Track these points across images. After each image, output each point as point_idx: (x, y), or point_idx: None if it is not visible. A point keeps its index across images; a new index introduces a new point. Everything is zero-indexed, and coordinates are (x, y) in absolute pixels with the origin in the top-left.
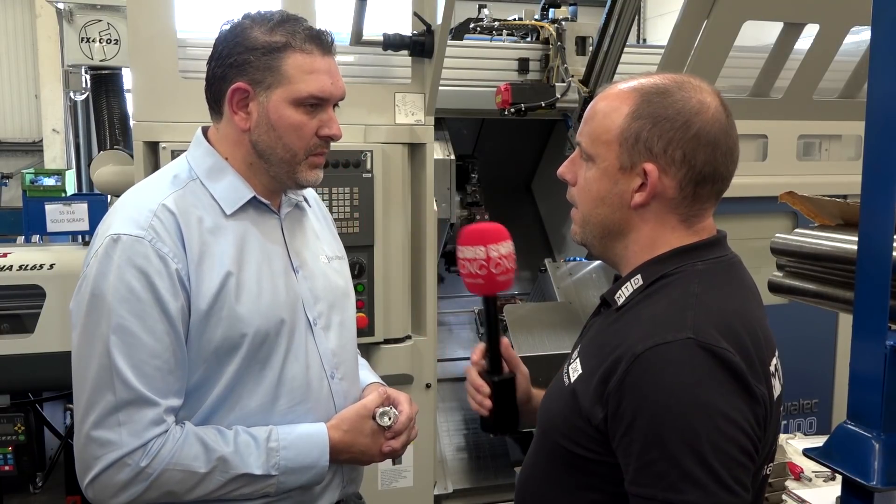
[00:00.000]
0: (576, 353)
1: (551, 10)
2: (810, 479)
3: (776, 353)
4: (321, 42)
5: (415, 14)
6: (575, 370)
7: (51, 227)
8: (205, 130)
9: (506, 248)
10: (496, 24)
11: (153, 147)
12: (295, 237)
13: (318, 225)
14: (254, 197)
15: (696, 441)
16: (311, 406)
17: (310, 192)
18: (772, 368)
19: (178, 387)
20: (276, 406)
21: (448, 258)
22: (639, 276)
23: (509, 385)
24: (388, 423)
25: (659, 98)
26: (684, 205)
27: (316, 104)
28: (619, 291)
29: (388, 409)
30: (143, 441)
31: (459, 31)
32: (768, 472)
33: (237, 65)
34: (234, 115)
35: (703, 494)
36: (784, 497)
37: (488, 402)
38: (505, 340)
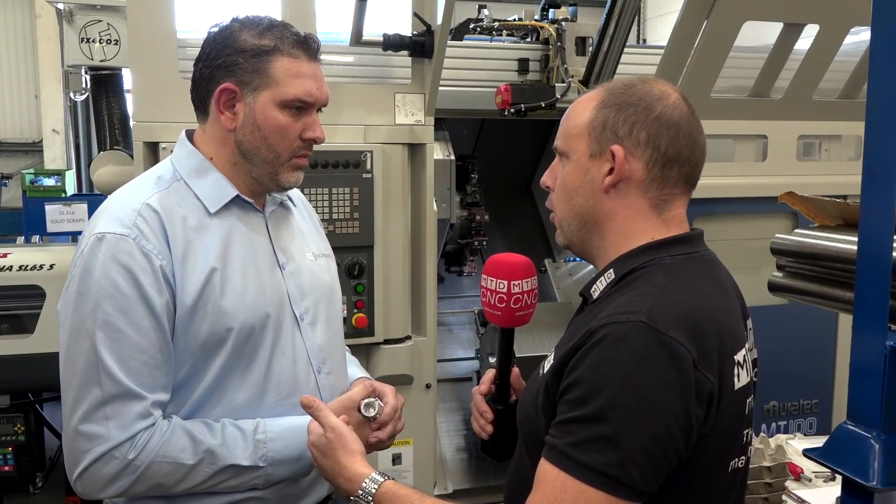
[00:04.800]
0: (553, 348)
1: (551, 10)
2: (810, 480)
3: (746, 346)
4: (308, 48)
5: (415, 14)
6: (549, 362)
7: (51, 228)
8: (189, 134)
9: (529, 284)
10: (496, 24)
11: (153, 147)
12: (281, 234)
13: (304, 223)
14: (237, 195)
15: (612, 414)
16: (297, 400)
17: (295, 193)
18: (739, 359)
19: (164, 381)
20: (264, 400)
21: (448, 258)
22: (611, 271)
23: (512, 413)
24: (374, 414)
25: (623, 89)
26: (654, 188)
27: (301, 107)
28: (595, 286)
29: (373, 400)
30: (131, 434)
31: (459, 32)
32: (740, 466)
33: (225, 66)
34: (221, 114)
35: (597, 460)
36: (784, 497)
37: (490, 428)
38: (515, 370)
